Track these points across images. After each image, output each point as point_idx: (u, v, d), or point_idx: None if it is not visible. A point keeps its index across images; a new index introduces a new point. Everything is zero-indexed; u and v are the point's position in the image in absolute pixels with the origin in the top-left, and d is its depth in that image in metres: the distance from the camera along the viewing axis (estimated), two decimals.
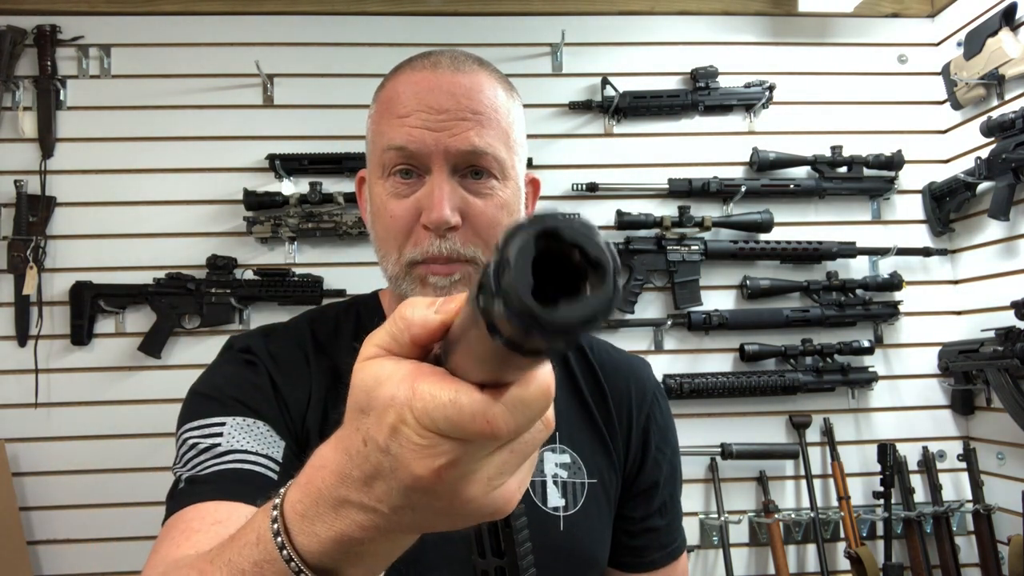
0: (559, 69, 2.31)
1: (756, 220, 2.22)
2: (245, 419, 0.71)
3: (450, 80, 0.73)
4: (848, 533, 2.08)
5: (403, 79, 0.76)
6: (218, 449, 0.69)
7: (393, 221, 0.73)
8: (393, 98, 0.75)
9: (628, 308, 2.19)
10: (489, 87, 0.75)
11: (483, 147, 0.72)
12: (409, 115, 0.72)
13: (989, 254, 2.17)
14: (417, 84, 0.74)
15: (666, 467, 0.87)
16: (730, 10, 2.37)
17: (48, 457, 2.06)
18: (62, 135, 2.17)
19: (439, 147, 0.71)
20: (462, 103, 0.72)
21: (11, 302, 2.09)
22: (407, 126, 0.72)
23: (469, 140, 0.71)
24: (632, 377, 0.87)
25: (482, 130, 0.72)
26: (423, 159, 0.72)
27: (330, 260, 2.19)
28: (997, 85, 2.10)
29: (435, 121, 0.71)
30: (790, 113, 2.34)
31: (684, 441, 2.16)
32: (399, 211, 0.73)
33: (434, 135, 0.71)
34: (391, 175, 0.73)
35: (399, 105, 0.73)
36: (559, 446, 0.80)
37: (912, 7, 2.41)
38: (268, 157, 2.15)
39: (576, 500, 0.79)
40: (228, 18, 2.24)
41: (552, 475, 0.78)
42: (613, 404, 0.85)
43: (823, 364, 2.18)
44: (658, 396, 0.89)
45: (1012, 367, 1.93)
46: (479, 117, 0.72)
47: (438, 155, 0.71)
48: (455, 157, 0.72)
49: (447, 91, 0.72)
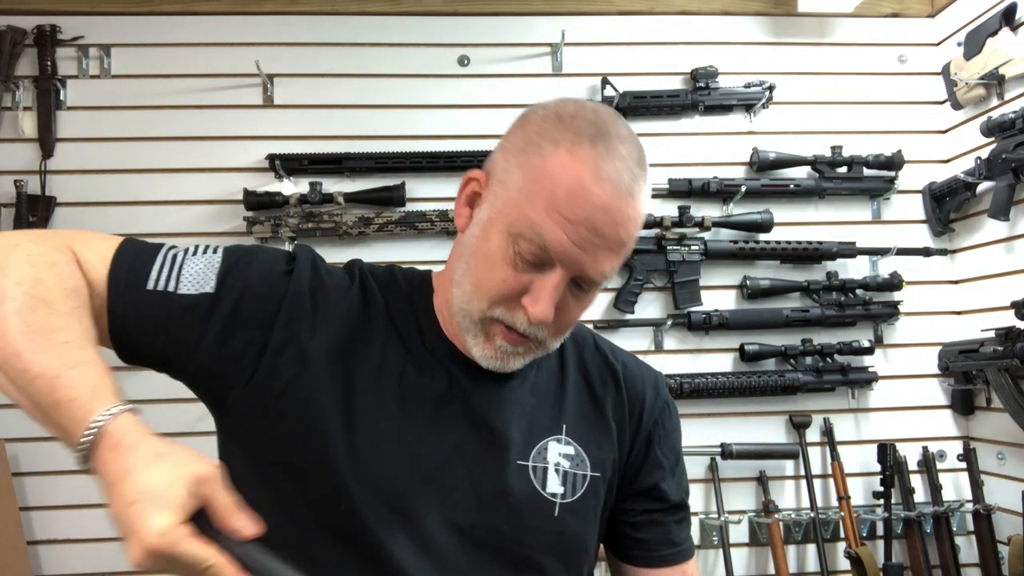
0: (559, 69, 2.31)
1: (756, 220, 2.22)
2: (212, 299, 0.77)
3: (620, 207, 0.70)
4: (848, 533, 2.08)
5: (579, 171, 0.70)
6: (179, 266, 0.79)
7: (501, 284, 0.73)
8: (561, 185, 0.70)
9: (628, 308, 2.19)
10: (642, 214, 0.74)
11: (609, 276, 0.75)
12: (571, 223, 0.69)
13: (989, 254, 2.17)
14: (591, 195, 0.69)
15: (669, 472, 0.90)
16: (730, 10, 2.37)
17: (48, 457, 2.06)
18: (62, 135, 2.17)
19: (577, 266, 0.72)
20: (619, 235, 0.71)
21: None
22: (564, 232, 0.70)
23: (603, 270, 0.73)
24: (649, 385, 0.91)
25: (616, 262, 0.74)
26: (556, 262, 0.72)
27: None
28: (997, 85, 2.10)
29: (588, 242, 0.70)
30: (790, 113, 2.34)
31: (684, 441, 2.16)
32: (511, 280, 0.73)
33: (579, 254, 0.71)
34: (519, 249, 0.72)
35: (564, 204, 0.69)
36: (564, 437, 0.83)
37: (912, 7, 2.41)
38: (268, 157, 2.15)
39: (575, 490, 0.82)
40: (228, 18, 2.24)
41: (555, 463, 0.81)
42: (628, 404, 0.88)
43: (823, 364, 2.18)
44: (670, 407, 0.93)
45: (1012, 367, 1.93)
46: (622, 250, 0.73)
47: (572, 269, 0.72)
48: (583, 277, 0.74)
49: (613, 218, 0.70)
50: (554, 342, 0.79)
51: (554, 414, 0.84)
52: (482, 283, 0.75)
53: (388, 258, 2.14)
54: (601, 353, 0.91)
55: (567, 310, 0.76)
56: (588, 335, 0.93)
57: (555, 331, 0.77)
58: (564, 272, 0.72)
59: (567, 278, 0.72)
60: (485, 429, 0.79)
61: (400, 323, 0.82)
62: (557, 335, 0.78)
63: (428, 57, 2.27)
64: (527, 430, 0.81)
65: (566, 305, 0.75)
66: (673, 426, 0.93)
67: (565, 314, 0.76)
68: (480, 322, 0.76)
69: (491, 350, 0.76)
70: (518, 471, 0.79)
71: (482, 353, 0.77)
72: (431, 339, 0.82)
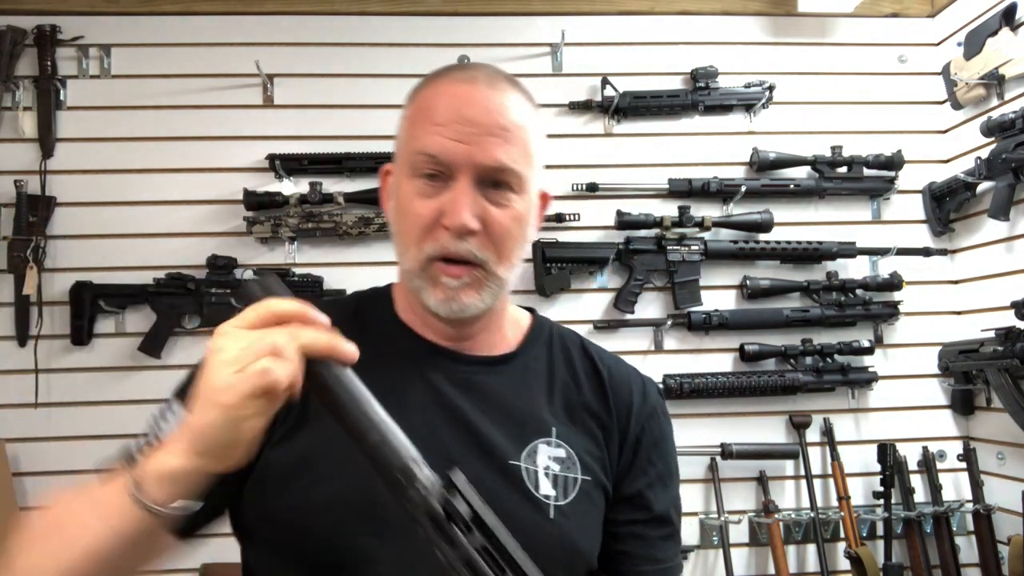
0: (559, 69, 2.31)
1: (756, 220, 2.22)
2: None
3: (485, 95, 0.78)
4: (848, 533, 2.08)
5: (441, 88, 0.80)
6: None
7: (417, 218, 0.77)
8: (430, 106, 0.79)
9: (628, 308, 2.19)
10: (519, 105, 0.80)
11: (507, 163, 0.77)
12: (444, 125, 0.76)
13: (989, 254, 2.17)
14: (454, 96, 0.78)
15: (655, 479, 0.87)
16: (730, 10, 2.37)
17: (48, 457, 2.06)
18: (62, 135, 2.17)
19: (468, 159, 0.75)
20: (494, 119, 0.77)
21: (11, 302, 2.09)
22: (441, 135, 0.76)
23: (495, 156, 0.76)
24: (637, 390, 0.90)
25: (508, 147, 0.77)
26: (451, 168, 0.76)
27: (330, 260, 2.19)
28: (997, 85, 2.10)
29: (467, 134, 0.76)
30: (790, 113, 2.34)
31: (684, 441, 2.18)
32: (424, 210, 0.77)
33: (465, 147, 0.75)
34: (419, 177, 0.78)
35: (435, 113, 0.77)
36: (555, 440, 0.82)
37: (912, 7, 2.41)
38: (268, 157, 2.15)
39: (567, 493, 0.81)
40: (228, 18, 2.24)
41: (544, 467, 0.81)
42: (615, 410, 0.87)
43: (823, 364, 2.18)
44: (659, 413, 0.90)
45: (1012, 367, 1.93)
46: (507, 134, 0.77)
47: (466, 166, 0.76)
48: (481, 170, 0.76)
49: (482, 106, 0.77)
50: (499, 265, 0.78)
51: (543, 415, 0.83)
52: (406, 229, 0.79)
53: (388, 258, 2.14)
54: (588, 356, 0.90)
55: (494, 220, 0.77)
56: (576, 338, 0.93)
57: (492, 248, 0.77)
58: (464, 175, 0.75)
59: (470, 179, 0.76)
60: (470, 434, 0.79)
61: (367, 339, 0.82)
62: (498, 255, 0.78)
63: (428, 57, 2.27)
64: (517, 432, 0.81)
65: (490, 216, 0.77)
66: (662, 434, 0.89)
67: (493, 225, 0.77)
68: (423, 271, 0.78)
69: (440, 292, 0.77)
70: (509, 473, 0.79)
71: (435, 300, 0.78)
72: (403, 345, 0.83)
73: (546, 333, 0.91)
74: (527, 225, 0.82)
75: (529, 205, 0.81)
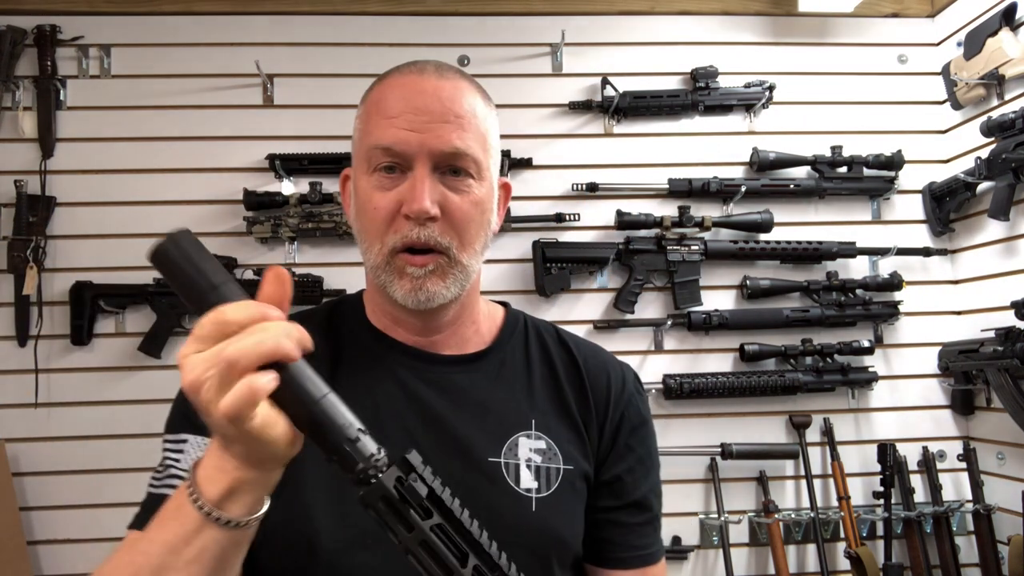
0: (559, 69, 2.31)
1: (756, 220, 2.22)
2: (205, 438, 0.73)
3: (435, 84, 0.79)
4: (848, 533, 2.08)
5: (390, 83, 0.81)
6: (172, 470, 0.74)
7: (376, 212, 0.78)
8: (380, 100, 0.80)
9: (628, 308, 2.19)
10: (469, 93, 0.81)
11: (463, 148, 0.77)
12: (396, 116, 0.77)
13: (989, 254, 2.17)
14: (404, 87, 0.79)
15: (635, 464, 0.87)
16: (730, 10, 2.37)
17: (48, 457, 2.06)
18: (62, 135, 2.17)
19: (423, 147, 0.76)
20: (445, 106, 0.77)
21: (11, 302, 2.09)
22: (394, 127, 0.77)
23: (450, 141, 0.77)
24: (614, 377, 0.90)
25: (462, 132, 0.78)
26: (407, 157, 0.77)
27: (330, 260, 2.19)
28: (997, 85, 2.10)
29: (420, 123, 0.76)
30: (790, 113, 2.34)
31: (684, 441, 2.19)
32: (383, 203, 0.77)
33: (418, 136, 0.76)
34: (376, 171, 0.78)
35: (387, 107, 0.78)
36: (534, 432, 0.83)
37: (912, 7, 2.41)
38: (268, 157, 2.15)
39: (549, 484, 0.81)
40: (228, 18, 2.24)
41: (526, 459, 0.81)
42: (592, 397, 0.87)
43: (823, 364, 2.18)
44: (637, 399, 0.90)
45: (1012, 367, 1.93)
46: (460, 120, 0.78)
47: (421, 154, 0.76)
48: (436, 156, 0.77)
49: (432, 95, 0.78)
50: (462, 252, 0.78)
51: (522, 408, 0.84)
52: (367, 225, 0.79)
53: None
54: (565, 346, 0.91)
55: (454, 206, 0.78)
56: (551, 328, 0.93)
57: (454, 234, 0.78)
58: (421, 163, 0.76)
59: (427, 167, 0.76)
60: (447, 434, 0.79)
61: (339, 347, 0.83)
62: (460, 241, 0.78)
63: (428, 57, 2.25)
64: (495, 428, 0.81)
65: (449, 202, 0.77)
66: (641, 420, 0.90)
67: (454, 211, 0.78)
68: (388, 264, 0.78)
69: (407, 283, 0.77)
70: (488, 470, 0.79)
71: (402, 292, 0.78)
72: (376, 350, 0.83)
73: (521, 325, 0.91)
74: (488, 211, 0.82)
75: (489, 192, 0.82)
